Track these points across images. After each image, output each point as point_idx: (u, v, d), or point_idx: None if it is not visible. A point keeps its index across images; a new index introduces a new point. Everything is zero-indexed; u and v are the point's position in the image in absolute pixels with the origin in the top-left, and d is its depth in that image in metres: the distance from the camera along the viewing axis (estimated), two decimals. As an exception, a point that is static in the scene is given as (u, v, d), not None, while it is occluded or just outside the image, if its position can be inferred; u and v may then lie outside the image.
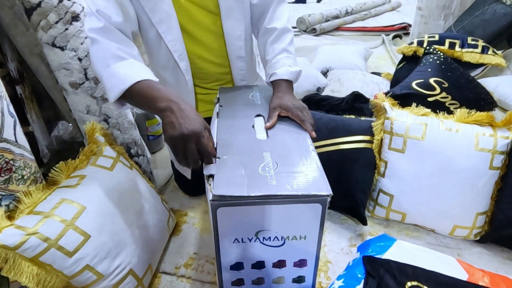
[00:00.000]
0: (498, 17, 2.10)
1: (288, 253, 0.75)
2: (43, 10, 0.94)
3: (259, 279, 0.80)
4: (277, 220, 0.69)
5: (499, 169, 1.07)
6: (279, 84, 0.93)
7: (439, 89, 1.48)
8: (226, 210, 0.66)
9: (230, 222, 0.68)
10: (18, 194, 0.77)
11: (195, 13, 0.97)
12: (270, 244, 0.73)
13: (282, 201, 0.66)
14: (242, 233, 0.71)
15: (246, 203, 0.66)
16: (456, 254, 1.11)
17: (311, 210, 0.68)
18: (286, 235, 0.72)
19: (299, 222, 0.70)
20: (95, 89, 1.07)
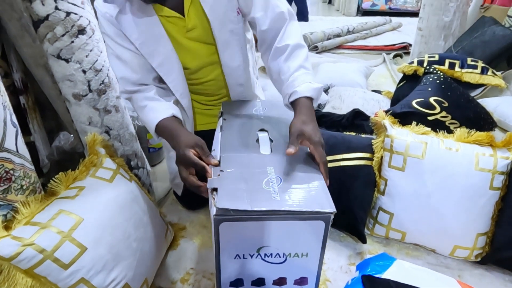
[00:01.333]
0: (497, 39, 2.14)
1: (289, 271, 0.74)
2: (50, 23, 0.96)
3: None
4: (279, 237, 0.69)
5: (499, 190, 1.07)
6: (301, 103, 0.82)
7: (439, 108, 1.49)
8: (229, 225, 0.65)
9: (232, 237, 0.67)
10: (16, 204, 0.77)
11: (195, 49, 1.01)
12: (271, 260, 0.72)
13: (285, 217, 0.65)
14: (243, 249, 0.70)
15: (249, 218, 0.65)
16: (457, 275, 1.09)
17: (313, 227, 0.68)
18: (287, 252, 0.71)
19: (301, 239, 0.70)
20: (98, 101, 1.08)
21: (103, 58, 1.08)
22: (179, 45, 0.99)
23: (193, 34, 0.98)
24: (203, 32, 0.98)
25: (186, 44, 0.99)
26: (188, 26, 0.96)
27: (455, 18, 2.43)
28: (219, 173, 0.73)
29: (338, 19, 5.15)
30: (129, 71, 0.98)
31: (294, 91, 0.84)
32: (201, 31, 0.98)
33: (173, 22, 0.96)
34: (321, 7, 7.71)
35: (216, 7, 0.94)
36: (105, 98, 1.09)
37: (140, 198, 1.02)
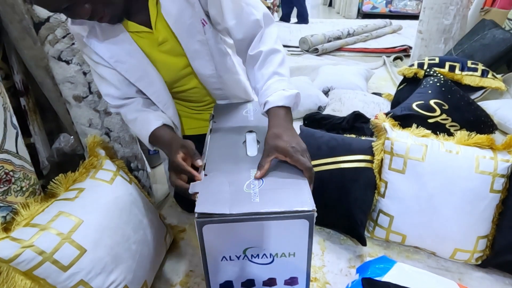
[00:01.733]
0: (497, 42, 2.14)
1: (278, 271, 0.74)
2: (51, 25, 0.96)
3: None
4: (264, 237, 0.69)
5: (500, 192, 1.07)
6: (274, 114, 0.77)
7: (439, 111, 1.49)
8: (212, 227, 0.65)
9: (217, 239, 0.67)
10: (16, 206, 0.77)
11: (169, 63, 0.99)
12: (259, 261, 0.72)
13: (266, 218, 0.65)
14: (229, 251, 0.70)
15: (231, 220, 0.65)
16: (457, 278, 1.09)
17: (297, 227, 0.67)
18: (274, 252, 0.71)
19: (287, 239, 0.69)
20: (98, 102, 1.08)
21: (104, 60, 1.08)
22: (153, 59, 0.98)
23: (166, 47, 0.96)
24: (174, 44, 0.95)
25: (160, 59, 0.98)
26: (159, 40, 0.94)
27: (455, 21, 2.43)
28: (203, 177, 0.73)
29: (338, 21, 5.17)
30: (112, 88, 0.98)
31: (267, 101, 0.79)
32: (172, 43, 0.95)
33: (144, 36, 0.94)
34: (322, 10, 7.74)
35: (179, 19, 0.90)
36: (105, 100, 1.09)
37: (140, 200, 1.02)
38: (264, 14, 0.88)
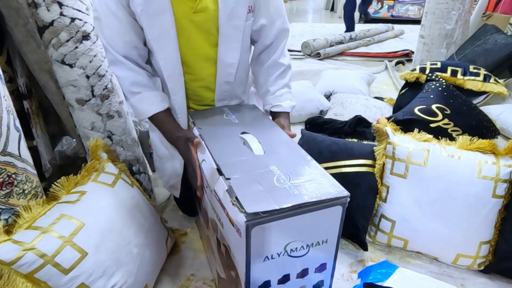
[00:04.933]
0: (499, 47, 2.14)
1: (310, 261, 0.75)
2: (55, 29, 0.97)
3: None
4: (303, 229, 0.70)
5: (502, 198, 1.06)
6: (283, 115, 1.07)
7: (441, 115, 1.49)
8: (260, 228, 0.64)
9: (263, 240, 0.66)
10: (18, 209, 0.77)
11: (196, 36, 0.97)
12: (296, 254, 0.72)
13: (308, 210, 0.67)
14: (272, 250, 0.69)
15: (277, 218, 0.65)
16: (460, 284, 1.08)
17: (332, 214, 0.70)
18: (310, 243, 0.72)
19: (322, 227, 0.72)
20: (101, 106, 1.08)
21: (107, 63, 1.09)
22: (180, 27, 0.94)
23: (200, 17, 0.93)
24: (209, 18, 0.94)
25: (188, 28, 0.94)
26: (198, 6, 0.91)
27: (457, 26, 2.44)
28: (227, 182, 0.71)
29: (340, 26, 5.18)
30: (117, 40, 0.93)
31: (279, 104, 1.07)
32: (208, 16, 0.94)
33: (183, 1, 0.91)
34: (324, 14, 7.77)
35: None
36: (108, 103, 1.10)
37: (141, 204, 1.02)
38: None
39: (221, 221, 0.76)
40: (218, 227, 0.80)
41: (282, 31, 1.05)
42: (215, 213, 0.80)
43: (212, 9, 0.93)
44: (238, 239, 0.66)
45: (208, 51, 1.00)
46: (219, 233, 0.81)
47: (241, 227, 0.63)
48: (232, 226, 0.67)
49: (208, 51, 1.00)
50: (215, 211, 0.80)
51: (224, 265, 0.84)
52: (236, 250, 0.70)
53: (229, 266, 0.78)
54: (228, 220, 0.70)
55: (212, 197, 0.79)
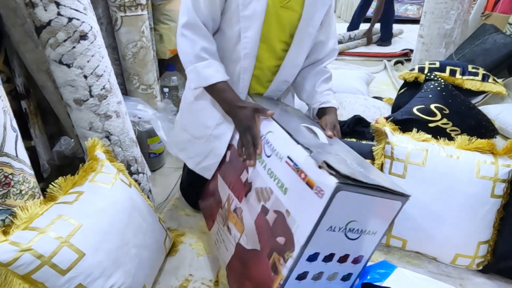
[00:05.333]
0: (498, 47, 2.14)
1: (355, 248, 0.77)
2: (53, 29, 0.97)
3: (320, 274, 0.77)
4: (367, 213, 0.72)
5: (501, 198, 1.06)
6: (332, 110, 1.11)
7: (440, 115, 1.49)
8: (344, 194, 0.66)
9: (338, 208, 0.67)
10: (15, 209, 0.77)
11: (272, 27, 1.02)
12: (350, 236, 0.74)
13: (380, 195, 0.70)
14: (338, 222, 0.70)
15: (359, 191, 0.67)
16: (458, 284, 1.08)
17: (392, 207, 0.74)
18: (365, 229, 0.74)
19: (379, 217, 0.74)
20: (99, 106, 1.08)
21: (105, 63, 1.09)
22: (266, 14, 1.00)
23: (284, 14, 1.01)
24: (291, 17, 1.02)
25: (270, 19, 1.00)
26: (286, 3, 0.99)
27: (456, 26, 2.44)
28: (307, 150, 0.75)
29: (339, 25, 5.16)
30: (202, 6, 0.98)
31: (328, 101, 1.12)
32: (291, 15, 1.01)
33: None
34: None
35: (313, 6, 1.01)
36: (106, 103, 1.09)
37: (140, 204, 1.02)
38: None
39: (283, 187, 0.78)
40: (274, 195, 0.81)
41: (333, 50, 1.18)
42: (274, 180, 0.82)
43: (297, 11, 1.01)
44: (313, 202, 0.68)
45: (276, 46, 1.06)
46: (271, 201, 0.81)
47: (327, 188, 0.65)
48: (310, 189, 0.69)
49: (276, 46, 1.06)
50: (276, 178, 0.81)
51: (264, 234, 0.82)
52: (301, 214, 0.71)
53: (276, 234, 0.77)
54: (302, 185, 0.71)
55: (277, 164, 0.82)
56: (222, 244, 1.00)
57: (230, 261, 0.94)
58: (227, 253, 0.95)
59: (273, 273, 0.74)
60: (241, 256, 0.89)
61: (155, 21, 1.91)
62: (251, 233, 0.87)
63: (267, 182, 0.84)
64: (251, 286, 0.83)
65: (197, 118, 1.16)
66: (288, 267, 0.71)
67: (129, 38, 1.63)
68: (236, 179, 0.98)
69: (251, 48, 1.02)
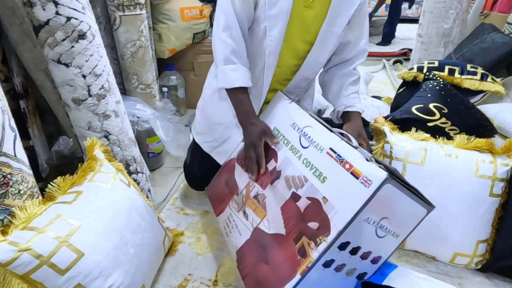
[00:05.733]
0: (497, 46, 2.14)
1: (378, 247, 0.80)
2: (51, 28, 0.96)
3: (342, 265, 0.80)
4: (398, 213, 0.76)
5: (499, 197, 1.06)
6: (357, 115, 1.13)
7: (439, 114, 1.49)
8: (389, 188, 0.70)
9: (380, 201, 0.71)
10: (14, 209, 0.76)
11: (294, 26, 1.04)
12: (379, 233, 0.78)
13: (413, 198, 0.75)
14: (375, 214, 0.74)
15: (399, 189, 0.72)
16: (457, 283, 1.08)
17: (419, 213, 0.79)
18: (391, 229, 0.78)
19: (406, 220, 0.79)
20: (98, 105, 1.08)
21: (103, 63, 1.08)
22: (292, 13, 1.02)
23: (307, 13, 1.02)
24: (315, 16, 1.03)
25: (294, 18, 1.02)
26: (310, 3, 1.00)
27: (455, 25, 2.44)
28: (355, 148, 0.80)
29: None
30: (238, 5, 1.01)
31: (353, 105, 1.13)
32: (315, 14, 1.02)
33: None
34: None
35: (340, 5, 1.02)
36: (104, 103, 1.09)
37: (139, 204, 1.01)
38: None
39: (322, 176, 0.81)
40: (309, 183, 0.84)
41: (363, 51, 1.17)
42: (311, 169, 0.85)
43: (321, 11, 1.02)
44: (358, 191, 0.71)
45: (298, 46, 1.08)
46: (304, 189, 0.85)
47: (376, 179, 0.69)
48: (356, 178, 0.72)
49: (299, 46, 1.08)
50: (313, 167, 0.85)
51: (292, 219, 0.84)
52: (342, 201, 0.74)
53: (308, 219, 0.80)
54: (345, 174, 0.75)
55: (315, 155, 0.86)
56: (235, 229, 1.01)
57: (244, 245, 0.96)
58: (241, 237, 0.97)
59: (300, 256, 0.77)
60: (260, 240, 0.91)
61: (153, 20, 1.91)
62: (275, 218, 0.89)
63: (302, 170, 0.88)
64: (268, 268, 0.84)
65: (219, 106, 1.20)
66: (320, 251, 0.73)
67: (128, 38, 1.63)
68: None
69: (275, 46, 1.06)
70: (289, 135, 0.99)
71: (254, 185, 1.02)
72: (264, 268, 0.85)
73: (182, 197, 1.50)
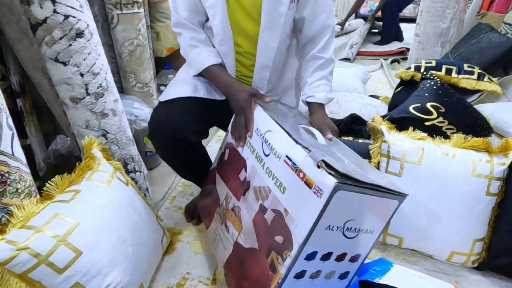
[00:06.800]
0: (493, 46, 2.15)
1: (352, 247, 0.77)
2: (48, 26, 0.96)
3: (318, 272, 0.77)
4: (365, 212, 0.72)
5: (496, 195, 1.07)
6: (316, 106, 1.07)
7: (436, 113, 1.50)
8: (342, 194, 0.66)
9: (337, 207, 0.67)
10: (11, 208, 0.76)
11: (239, 13, 1.03)
12: (348, 235, 0.74)
13: (378, 194, 0.70)
14: (336, 221, 0.70)
15: (357, 190, 0.67)
16: (454, 281, 1.09)
17: (389, 206, 0.75)
18: (362, 228, 0.74)
19: (376, 216, 0.75)
20: (95, 104, 1.07)
21: (101, 61, 1.08)
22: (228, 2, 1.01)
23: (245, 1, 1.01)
24: (253, 1, 1.01)
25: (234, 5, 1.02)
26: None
27: (452, 25, 2.45)
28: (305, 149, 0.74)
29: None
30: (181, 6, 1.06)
31: (313, 95, 1.06)
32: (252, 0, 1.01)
33: None
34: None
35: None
36: (102, 101, 1.09)
37: (137, 202, 1.01)
38: (335, 26, 1.10)
39: (282, 186, 0.77)
40: (272, 194, 0.80)
41: (325, 27, 1.07)
42: (273, 179, 0.81)
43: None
44: (312, 201, 0.67)
45: (248, 30, 1.06)
46: (269, 200, 0.81)
47: (326, 187, 0.65)
48: (309, 188, 0.68)
49: (249, 30, 1.06)
50: (274, 177, 0.81)
51: (262, 233, 0.82)
52: (300, 213, 0.71)
53: (274, 233, 0.77)
54: (300, 184, 0.71)
55: (275, 163, 0.81)
56: (220, 243, 0.99)
57: (228, 260, 0.94)
58: (225, 251, 0.95)
59: (271, 272, 0.74)
60: (239, 254, 0.89)
61: (151, 19, 1.90)
62: (249, 231, 0.87)
63: (266, 181, 0.84)
64: (249, 285, 0.83)
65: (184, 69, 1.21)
66: (286, 266, 0.71)
67: (126, 36, 1.62)
68: (235, 178, 0.98)
69: (223, 35, 1.05)
70: (254, 142, 0.93)
71: (231, 197, 0.98)
72: (245, 284, 0.84)
73: (180, 196, 1.49)
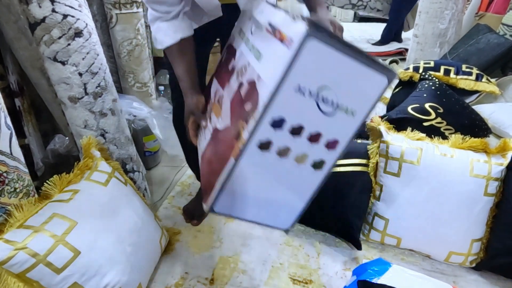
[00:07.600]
0: (492, 47, 2.16)
1: (328, 126, 0.69)
2: (47, 26, 0.96)
3: (286, 149, 0.69)
4: (345, 82, 0.64)
5: (494, 196, 1.08)
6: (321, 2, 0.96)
7: (434, 114, 1.50)
8: (315, 46, 0.58)
9: (309, 63, 0.60)
10: (9, 207, 0.76)
11: None
12: (323, 108, 0.65)
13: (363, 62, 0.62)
14: (308, 82, 0.62)
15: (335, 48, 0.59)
16: (452, 281, 1.10)
17: (376, 83, 0.65)
18: (341, 103, 0.66)
19: (360, 93, 0.66)
20: (94, 104, 1.07)
21: (100, 61, 1.08)
22: None
23: None
24: None
25: None
26: None
27: (451, 26, 2.45)
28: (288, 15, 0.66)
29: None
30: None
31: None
32: None
33: None
34: (318, 13, 7.73)
35: None
36: (101, 101, 1.09)
37: (135, 202, 1.01)
38: None
39: (258, 53, 0.72)
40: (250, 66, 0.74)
41: None
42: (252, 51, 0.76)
43: None
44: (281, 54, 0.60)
45: None
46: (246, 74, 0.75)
47: (297, 36, 0.57)
48: (281, 43, 0.62)
49: None
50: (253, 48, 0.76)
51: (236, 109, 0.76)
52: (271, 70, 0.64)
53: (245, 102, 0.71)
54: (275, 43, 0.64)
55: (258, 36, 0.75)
56: (202, 136, 0.94)
57: (205, 149, 0.88)
58: (204, 141, 0.89)
59: (236, 140, 0.68)
60: (215, 138, 0.83)
61: (150, 18, 1.90)
62: (226, 113, 0.80)
63: (247, 57, 0.78)
64: (216, 160, 0.76)
65: None
66: (249, 130, 0.64)
67: (124, 36, 1.62)
68: (225, 71, 0.92)
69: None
70: (246, 28, 0.87)
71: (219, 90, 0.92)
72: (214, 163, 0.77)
73: (179, 195, 1.49)
